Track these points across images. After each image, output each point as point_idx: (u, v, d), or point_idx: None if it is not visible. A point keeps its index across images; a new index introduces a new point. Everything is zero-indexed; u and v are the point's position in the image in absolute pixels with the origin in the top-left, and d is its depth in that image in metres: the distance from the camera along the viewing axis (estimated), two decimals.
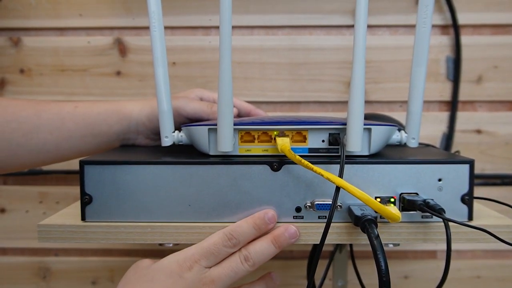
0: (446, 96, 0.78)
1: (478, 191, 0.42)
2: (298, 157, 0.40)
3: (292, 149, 0.41)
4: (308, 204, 0.42)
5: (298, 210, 0.42)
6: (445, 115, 0.78)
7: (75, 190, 0.81)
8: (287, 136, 0.44)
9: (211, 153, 0.45)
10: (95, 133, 0.53)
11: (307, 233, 0.42)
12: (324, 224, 0.38)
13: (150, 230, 0.42)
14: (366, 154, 0.44)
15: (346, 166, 0.41)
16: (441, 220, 0.39)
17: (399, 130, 0.46)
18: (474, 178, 0.42)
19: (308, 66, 0.78)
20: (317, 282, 0.60)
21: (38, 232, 0.43)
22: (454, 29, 0.75)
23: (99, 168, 0.42)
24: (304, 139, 0.44)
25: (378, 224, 0.39)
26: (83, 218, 0.43)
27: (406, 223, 0.42)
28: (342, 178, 0.38)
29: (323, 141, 0.44)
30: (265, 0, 0.76)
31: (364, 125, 0.41)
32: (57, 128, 0.51)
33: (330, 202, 0.39)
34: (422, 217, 0.42)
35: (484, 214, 0.45)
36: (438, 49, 0.77)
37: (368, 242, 0.37)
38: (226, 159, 0.43)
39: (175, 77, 0.78)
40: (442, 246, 0.42)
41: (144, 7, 0.64)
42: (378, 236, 0.36)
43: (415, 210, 0.41)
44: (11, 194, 0.82)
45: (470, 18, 0.76)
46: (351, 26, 0.76)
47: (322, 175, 0.39)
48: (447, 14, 0.76)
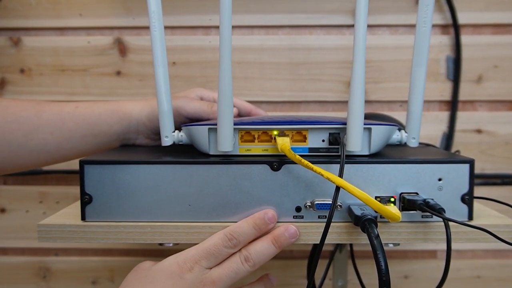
0: (446, 95, 0.78)
1: (478, 191, 0.42)
2: (298, 156, 0.40)
3: (292, 148, 0.41)
4: (308, 203, 0.42)
5: (298, 209, 0.42)
6: (445, 115, 0.78)
7: (75, 190, 0.81)
8: (287, 135, 0.44)
9: (211, 152, 0.44)
10: (96, 133, 0.53)
11: (307, 232, 0.42)
12: (324, 223, 0.38)
13: (150, 230, 0.42)
14: (366, 153, 0.44)
15: (346, 166, 0.41)
16: (441, 219, 0.39)
17: (399, 129, 0.46)
18: (474, 178, 0.42)
19: (308, 66, 0.78)
20: (317, 282, 0.60)
21: (38, 232, 0.43)
22: (454, 28, 0.75)
23: (99, 168, 0.42)
24: (304, 139, 0.44)
25: (378, 223, 0.39)
26: (83, 218, 0.43)
27: (406, 223, 0.42)
28: (342, 177, 0.38)
29: (323, 140, 0.44)
30: None
31: (364, 124, 0.41)
32: (57, 128, 0.51)
33: (330, 202, 0.39)
34: (422, 216, 0.42)
35: (484, 214, 0.45)
36: (438, 48, 0.77)
37: (368, 242, 0.36)
38: (226, 159, 0.43)
39: (175, 77, 0.78)
40: (442, 246, 0.42)
41: (144, 7, 0.64)
42: (378, 235, 0.36)
43: (415, 210, 0.41)
44: (11, 194, 0.82)
45: (470, 17, 0.76)
46: (351, 26, 0.76)
47: (322, 175, 0.39)
48: (447, 13, 0.76)
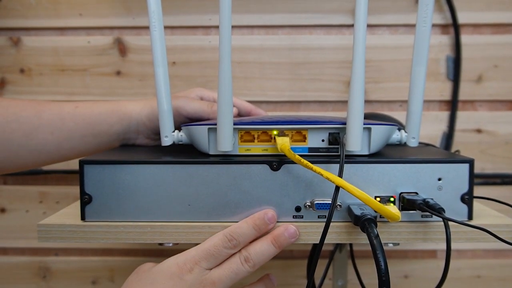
0: (446, 95, 0.78)
1: (478, 191, 0.42)
2: (297, 156, 0.40)
3: (292, 148, 0.41)
4: (307, 203, 0.42)
5: (297, 209, 0.42)
6: (445, 115, 0.78)
7: (75, 190, 0.81)
8: (287, 135, 0.44)
9: (211, 152, 0.44)
10: (96, 133, 0.53)
11: (307, 232, 0.42)
12: (323, 223, 0.38)
13: (150, 230, 0.42)
14: (366, 153, 0.44)
15: (345, 166, 0.41)
16: (441, 219, 0.39)
17: (399, 129, 0.46)
18: (474, 178, 0.42)
19: (308, 66, 0.78)
20: (317, 282, 0.60)
21: (38, 232, 0.43)
22: (454, 28, 0.75)
23: (99, 167, 0.42)
24: (304, 139, 0.44)
25: (378, 223, 0.39)
26: (83, 218, 0.43)
27: (406, 223, 0.42)
28: (341, 177, 0.38)
29: (323, 140, 0.44)
30: None
31: (364, 124, 0.41)
32: (57, 128, 0.51)
33: (330, 202, 0.39)
34: (422, 216, 0.42)
35: (484, 214, 0.45)
36: (438, 48, 0.77)
37: (368, 242, 0.36)
38: (226, 159, 0.43)
39: (175, 76, 0.78)
40: (442, 246, 0.42)
41: (144, 7, 0.64)
42: (377, 235, 0.36)
43: (415, 210, 0.41)
44: (11, 194, 0.82)
45: (470, 17, 0.76)
46: (351, 26, 0.76)
47: (322, 175, 0.39)
48: (447, 13, 0.76)
